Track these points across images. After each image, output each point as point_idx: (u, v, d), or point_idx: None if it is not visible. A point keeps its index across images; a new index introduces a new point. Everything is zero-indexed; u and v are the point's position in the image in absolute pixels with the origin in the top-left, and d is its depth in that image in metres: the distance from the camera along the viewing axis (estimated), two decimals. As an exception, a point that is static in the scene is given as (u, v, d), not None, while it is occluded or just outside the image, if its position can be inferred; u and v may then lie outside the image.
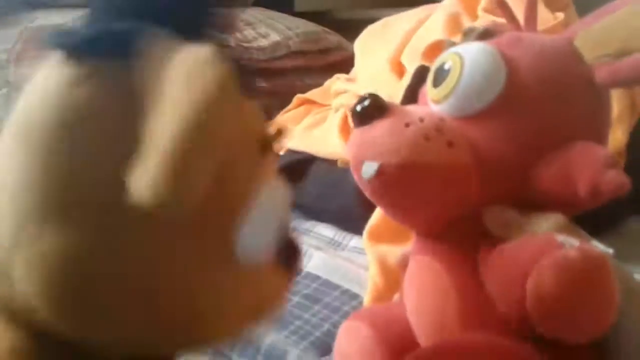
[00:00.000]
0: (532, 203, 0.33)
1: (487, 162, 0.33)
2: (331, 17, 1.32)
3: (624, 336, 0.31)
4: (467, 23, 0.68)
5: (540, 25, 0.41)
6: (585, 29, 0.36)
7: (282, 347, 0.43)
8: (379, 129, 0.33)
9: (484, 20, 0.66)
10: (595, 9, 0.37)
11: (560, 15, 0.61)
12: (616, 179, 0.31)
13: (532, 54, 0.35)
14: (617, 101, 0.54)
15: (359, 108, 0.34)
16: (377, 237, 0.53)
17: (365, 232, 0.55)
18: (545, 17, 0.60)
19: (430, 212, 0.35)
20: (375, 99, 0.34)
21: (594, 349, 0.31)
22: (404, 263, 0.38)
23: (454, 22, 0.69)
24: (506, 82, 0.34)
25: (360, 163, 0.34)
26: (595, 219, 0.35)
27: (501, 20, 0.41)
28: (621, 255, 0.36)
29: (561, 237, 0.30)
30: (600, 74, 0.34)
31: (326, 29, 1.20)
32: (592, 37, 0.35)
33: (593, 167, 0.32)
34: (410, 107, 0.36)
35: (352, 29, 0.86)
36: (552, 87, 0.34)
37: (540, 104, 0.34)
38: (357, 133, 0.34)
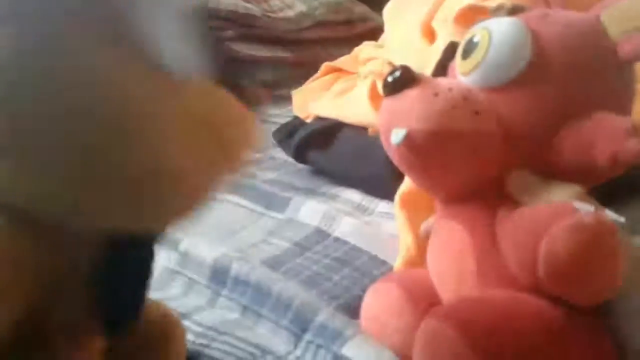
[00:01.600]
0: (554, 172, 0.35)
1: (512, 130, 0.35)
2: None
3: (628, 301, 0.32)
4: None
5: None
6: (613, 4, 0.37)
7: (315, 305, 0.43)
8: (409, 97, 0.35)
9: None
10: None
11: None
12: (635, 148, 0.32)
13: (558, 28, 0.37)
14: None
15: (390, 78, 0.36)
16: (409, 203, 0.53)
17: (397, 198, 0.54)
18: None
19: (456, 178, 0.36)
20: (406, 69, 0.36)
21: (598, 310, 0.32)
22: (427, 234, 0.40)
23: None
24: (532, 55, 0.36)
25: (389, 130, 0.35)
26: (614, 189, 0.36)
27: None
28: (636, 226, 0.36)
29: (577, 204, 0.31)
30: (624, 49, 0.36)
31: (353, 0, 1.19)
32: (619, 11, 0.37)
33: (613, 136, 0.33)
34: (440, 79, 0.38)
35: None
36: (577, 60, 0.36)
37: (564, 76, 0.36)
38: (387, 102, 0.36)
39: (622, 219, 0.33)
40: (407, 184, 0.55)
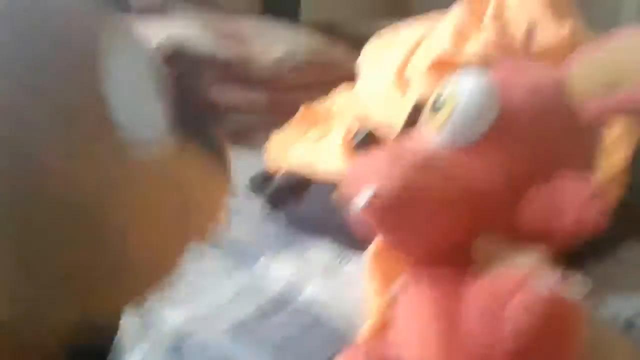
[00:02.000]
0: (520, 235, 0.35)
1: (478, 193, 0.35)
2: (339, 29, 1.31)
3: None
4: (473, 33, 0.66)
5: (544, 42, 0.43)
6: (585, 57, 0.38)
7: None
8: (375, 158, 0.36)
9: (489, 27, 0.65)
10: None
11: (564, 31, 0.60)
12: (598, 214, 0.33)
13: (526, 89, 0.37)
14: (617, 123, 0.55)
15: (355, 142, 0.40)
16: (380, 264, 0.51)
17: (367, 258, 0.53)
18: (550, 33, 0.59)
19: (422, 241, 0.36)
20: (370, 135, 0.39)
21: None
22: (394, 300, 0.40)
23: (459, 33, 0.68)
24: (499, 116, 0.36)
25: (356, 189, 0.35)
26: (594, 245, 0.36)
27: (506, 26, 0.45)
28: (618, 283, 0.38)
29: (536, 275, 0.31)
30: (590, 111, 0.36)
31: (332, 42, 1.19)
32: (590, 67, 0.37)
33: (578, 202, 0.33)
34: (406, 141, 0.39)
35: (360, 39, 0.85)
36: (542, 124, 0.37)
37: (529, 137, 0.36)
38: (353, 163, 0.38)
39: (586, 286, 0.33)
40: (377, 244, 0.54)
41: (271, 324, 0.50)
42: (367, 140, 0.38)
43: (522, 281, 0.31)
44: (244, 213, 0.75)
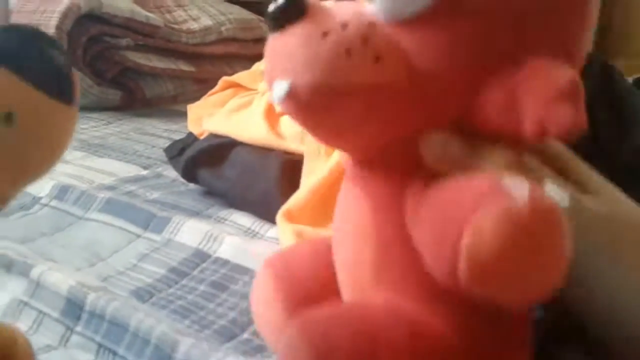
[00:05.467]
0: (480, 134, 0.27)
1: (422, 79, 0.26)
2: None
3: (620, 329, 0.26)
4: None
5: None
6: None
7: (173, 338, 0.38)
8: (292, 38, 0.26)
9: None
10: None
11: None
12: (568, 118, 0.24)
13: None
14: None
15: (272, 8, 0.27)
16: (293, 218, 0.50)
17: (280, 212, 0.51)
18: None
19: (353, 140, 0.29)
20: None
21: (526, 317, 0.27)
22: None
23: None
24: None
25: (271, 80, 0.27)
26: None
27: None
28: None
29: (509, 180, 0.23)
30: None
31: (261, 18, 1.17)
32: None
33: (543, 97, 0.24)
34: (336, 6, 0.28)
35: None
36: None
37: (487, 8, 0.26)
38: (269, 42, 0.28)
39: (565, 196, 0.27)
40: (292, 201, 0.52)
41: (181, 287, 0.47)
42: (287, 9, 0.27)
43: (492, 187, 0.23)
44: (158, 181, 0.71)
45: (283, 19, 0.26)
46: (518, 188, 0.23)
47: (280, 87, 0.26)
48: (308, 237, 0.48)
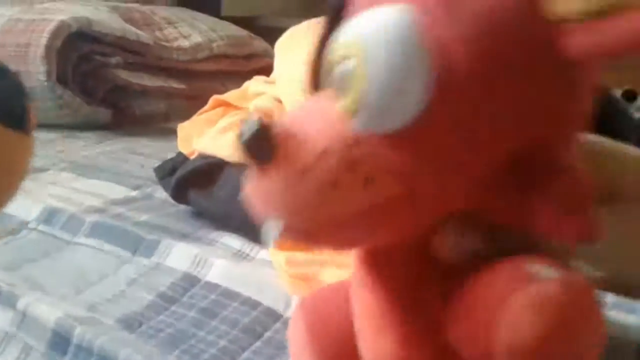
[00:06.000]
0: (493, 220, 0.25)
1: (420, 187, 0.24)
2: (259, 24, 1.29)
3: None
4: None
5: None
6: None
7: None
8: (269, 182, 0.24)
9: None
10: None
11: None
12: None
13: (470, 25, 0.23)
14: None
15: (243, 139, 0.24)
16: (282, 245, 0.49)
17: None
18: None
19: (363, 246, 0.28)
20: (260, 132, 0.23)
21: None
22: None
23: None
24: (432, 81, 0.23)
25: (260, 216, 0.26)
26: None
27: None
28: None
29: (533, 265, 0.23)
30: (578, 41, 0.22)
31: (252, 35, 1.17)
32: None
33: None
34: (307, 123, 0.25)
35: (279, 36, 0.83)
36: (501, 76, 0.23)
37: (483, 104, 0.23)
38: (251, 185, 0.26)
39: (598, 273, 0.26)
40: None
41: (170, 314, 0.46)
42: (258, 134, 0.24)
43: (516, 275, 0.23)
44: (147, 203, 0.70)
45: (254, 159, 0.24)
46: (543, 271, 0.22)
47: (274, 228, 0.25)
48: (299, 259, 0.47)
